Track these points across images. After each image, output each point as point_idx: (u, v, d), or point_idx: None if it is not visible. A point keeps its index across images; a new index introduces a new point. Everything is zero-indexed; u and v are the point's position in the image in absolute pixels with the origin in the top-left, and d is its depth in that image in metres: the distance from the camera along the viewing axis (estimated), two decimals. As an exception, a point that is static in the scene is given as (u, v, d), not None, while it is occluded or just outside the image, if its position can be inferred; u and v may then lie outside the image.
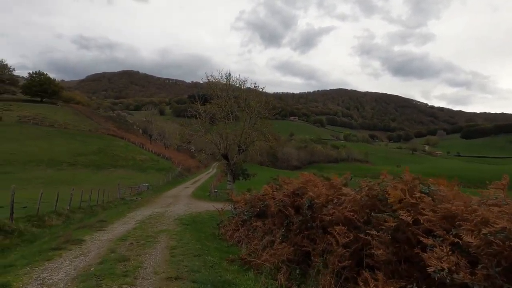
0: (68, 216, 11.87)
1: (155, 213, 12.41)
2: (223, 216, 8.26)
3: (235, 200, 9.05)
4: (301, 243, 4.61)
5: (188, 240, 6.60)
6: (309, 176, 5.13)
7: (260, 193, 7.35)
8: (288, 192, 5.41)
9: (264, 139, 21.66)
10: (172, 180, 43.47)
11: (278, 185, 7.06)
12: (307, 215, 4.46)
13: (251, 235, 6.41)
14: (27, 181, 30.70)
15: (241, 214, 7.09)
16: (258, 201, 7.11)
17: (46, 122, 64.69)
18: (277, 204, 5.74)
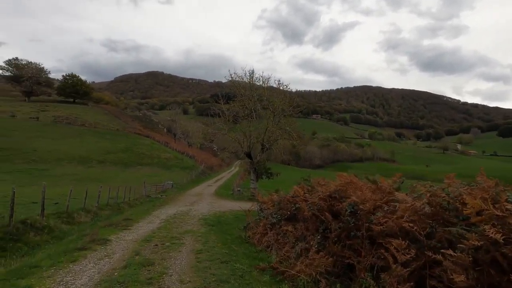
0: (96, 213, 12.05)
1: (180, 212, 12.29)
2: (249, 218, 7.85)
3: (262, 201, 8.62)
4: (342, 253, 4.07)
5: (214, 243, 6.26)
6: (350, 177, 4.56)
7: (290, 195, 6.85)
8: (324, 195, 4.87)
9: (288, 137, 21.06)
10: (196, 178, 43.99)
11: (310, 186, 6.52)
12: (349, 222, 3.92)
13: (281, 240, 5.94)
14: (60, 177, 32.26)
15: (270, 217, 6.64)
16: (287, 203, 6.62)
17: (78, 121, 68.05)
18: (310, 208, 5.22)
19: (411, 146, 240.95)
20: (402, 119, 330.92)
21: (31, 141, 46.09)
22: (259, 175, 23.51)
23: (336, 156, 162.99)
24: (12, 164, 35.51)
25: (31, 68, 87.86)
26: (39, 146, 44.02)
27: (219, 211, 13.51)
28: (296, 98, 21.58)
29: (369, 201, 3.70)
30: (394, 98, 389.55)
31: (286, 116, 21.44)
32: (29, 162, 37.25)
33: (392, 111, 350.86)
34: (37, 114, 67.11)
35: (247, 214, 8.02)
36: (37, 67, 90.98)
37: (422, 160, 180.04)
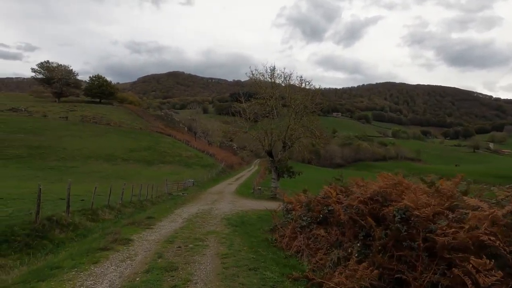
0: (119, 211, 12.10)
1: (202, 211, 12.08)
2: (276, 219, 7.41)
3: (287, 202, 8.15)
4: (390, 265, 3.52)
5: (240, 246, 5.88)
6: (396, 178, 3.99)
7: (320, 196, 6.33)
8: (364, 197, 4.33)
9: (310, 135, 20.35)
10: (216, 177, 44.17)
11: (343, 187, 5.97)
12: (399, 230, 3.36)
13: (312, 245, 5.45)
14: (87, 174, 33.45)
15: (299, 219, 6.16)
16: (318, 205, 6.11)
17: (103, 121, 70.65)
18: (347, 211, 4.69)
19: (438, 145, 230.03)
20: (428, 117, 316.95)
21: (61, 139, 48.29)
22: (280, 174, 22.99)
23: (357, 155, 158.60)
24: (44, 161, 37.31)
25: (60, 70, 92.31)
26: (68, 145, 46.01)
27: (241, 210, 13.18)
28: (319, 94, 20.80)
29: (426, 206, 3.13)
30: (420, 94, 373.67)
31: (308, 113, 20.75)
32: (59, 159, 38.99)
33: (417, 108, 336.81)
34: (66, 114, 70.37)
35: (273, 215, 7.57)
36: (66, 69, 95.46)
37: (450, 160, 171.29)
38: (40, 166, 34.49)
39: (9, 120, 55.37)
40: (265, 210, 14.10)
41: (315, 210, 6.14)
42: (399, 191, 3.79)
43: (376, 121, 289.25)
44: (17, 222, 7.01)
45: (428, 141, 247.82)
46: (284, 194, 8.50)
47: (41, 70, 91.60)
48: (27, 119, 59.62)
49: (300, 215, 6.30)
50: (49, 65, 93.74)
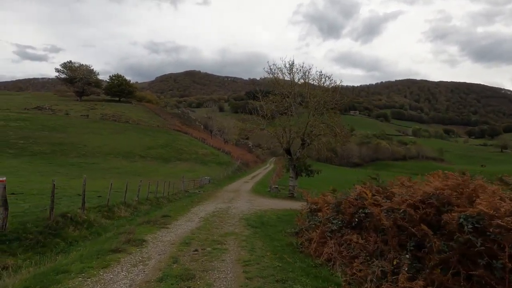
0: (135, 208, 11.85)
1: (219, 209, 11.63)
2: (300, 221, 6.78)
3: (311, 202, 7.49)
4: (454, 285, 2.82)
5: (262, 251, 5.31)
6: (460, 177, 3.26)
7: (352, 196, 5.63)
8: (414, 200, 3.62)
9: (329, 133, 19.46)
10: (232, 174, 43.92)
11: (381, 187, 5.25)
12: (473, 243, 2.66)
13: (345, 252, 4.78)
14: (107, 170, 34.02)
15: (328, 223, 5.50)
16: (350, 206, 5.42)
17: (123, 119, 72.19)
18: (391, 216, 3.99)
19: (462, 144, 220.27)
20: (451, 115, 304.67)
21: (82, 137, 49.62)
22: (298, 173, 22.24)
23: (376, 154, 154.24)
24: (66, 157, 38.36)
25: (82, 70, 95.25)
26: (89, 142, 47.18)
27: (260, 210, 12.63)
28: (339, 89, 19.84)
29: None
30: (442, 92, 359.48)
31: (328, 109, 19.88)
32: (79, 156, 39.98)
33: (440, 106, 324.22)
34: (87, 112, 72.46)
35: (299, 218, 6.94)
36: (88, 68, 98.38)
37: (475, 160, 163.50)
38: (61, 162, 35.45)
39: (35, 118, 57.57)
40: (284, 210, 13.49)
41: (347, 213, 5.46)
42: (466, 194, 3.07)
43: (395, 119, 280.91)
44: (30, 219, 6.78)
45: (451, 140, 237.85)
46: (307, 194, 7.84)
47: (64, 70, 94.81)
48: (50, 117, 61.81)
49: (329, 218, 5.64)
50: (72, 65, 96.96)
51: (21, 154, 36.80)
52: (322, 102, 19.85)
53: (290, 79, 20.36)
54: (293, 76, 20.13)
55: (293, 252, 5.34)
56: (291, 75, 20.03)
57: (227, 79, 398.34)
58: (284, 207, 14.82)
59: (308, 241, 5.56)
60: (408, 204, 3.66)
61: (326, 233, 5.28)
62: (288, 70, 19.70)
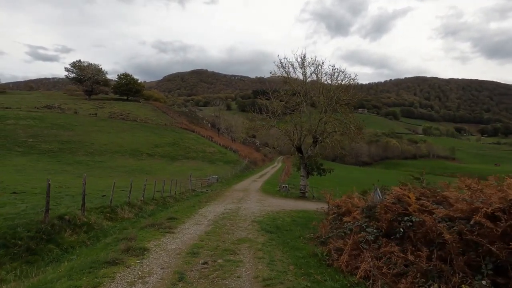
0: (140, 208, 11.19)
1: (228, 210, 10.87)
2: (323, 227, 5.94)
3: (334, 205, 6.64)
4: None
5: (284, 264, 4.50)
6: None
7: (389, 200, 4.76)
8: (492, 207, 2.75)
9: (344, 130, 18.47)
10: (240, 173, 43.23)
11: (428, 189, 4.37)
12: None
13: (386, 268, 3.93)
14: (114, 169, 33.70)
15: (361, 231, 4.65)
16: (387, 212, 4.56)
17: (130, 117, 72.25)
18: (455, 228, 3.13)
19: (474, 142, 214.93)
20: (462, 113, 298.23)
21: (90, 135, 49.61)
22: (309, 172, 21.35)
23: (385, 152, 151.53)
24: (73, 156, 38.25)
25: (91, 69, 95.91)
26: (96, 140, 47.11)
27: (271, 211, 11.82)
28: (354, 84, 18.83)
29: None
30: (453, 89, 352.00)
31: (342, 105, 18.90)
32: (87, 154, 39.84)
33: (451, 104, 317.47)
34: (95, 111, 72.75)
35: (323, 224, 6.10)
36: (96, 67, 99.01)
37: (489, 159, 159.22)
38: (69, 160, 35.30)
39: (44, 116, 57.92)
40: (297, 211, 12.66)
41: (382, 220, 4.60)
42: None
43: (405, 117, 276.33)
44: (23, 222, 6.11)
45: (463, 138, 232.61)
46: (329, 195, 7.00)
47: (73, 69, 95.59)
48: (59, 115, 62.16)
49: (361, 225, 4.78)
50: (81, 64, 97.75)
51: (30, 152, 36.82)
52: (335, 98, 18.89)
53: (302, 74, 19.44)
54: (304, 71, 19.21)
55: (320, 265, 4.51)
56: (303, 69, 19.11)
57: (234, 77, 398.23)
58: (296, 208, 13.99)
59: (336, 252, 4.72)
60: (484, 214, 2.79)
61: (361, 244, 4.43)
62: (300, 64, 18.78)
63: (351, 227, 4.78)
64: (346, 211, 5.85)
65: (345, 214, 5.84)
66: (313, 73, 19.49)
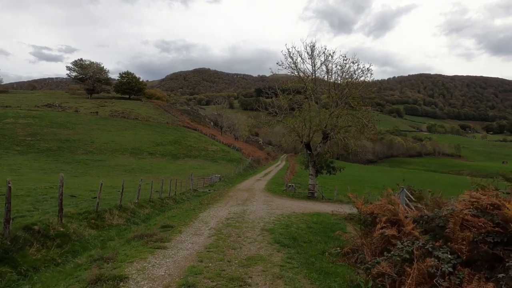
0: (133, 212, 9.87)
1: (233, 215, 9.54)
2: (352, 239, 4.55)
3: (367, 212, 5.25)
4: None
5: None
6: None
7: (463, 210, 3.37)
8: None
9: (357, 124, 17.02)
10: (243, 172, 41.91)
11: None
12: None
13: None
14: (112, 168, 32.52)
15: (426, 255, 3.25)
16: (467, 229, 3.16)
17: (132, 115, 71.17)
18: None
19: (480, 140, 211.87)
20: (467, 110, 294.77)
21: (90, 133, 48.52)
22: (318, 170, 19.93)
23: (390, 150, 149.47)
24: (72, 154, 37.14)
25: (93, 67, 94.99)
26: (96, 138, 46.00)
27: (281, 214, 10.47)
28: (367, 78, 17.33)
29: None
30: (457, 86, 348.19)
31: (355, 98, 17.46)
32: (86, 153, 38.72)
33: (455, 101, 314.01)
34: (96, 109, 71.75)
35: (354, 237, 4.70)
36: (98, 66, 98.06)
37: (495, 156, 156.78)
38: (67, 159, 34.17)
39: (44, 115, 56.95)
40: (310, 214, 11.29)
41: (458, 239, 3.21)
42: None
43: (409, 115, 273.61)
44: (-26, 236, 4.78)
45: (468, 136, 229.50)
46: (359, 199, 5.62)
47: (75, 68, 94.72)
48: (60, 114, 61.19)
49: (425, 247, 3.38)
50: (83, 63, 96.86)
51: (27, 151, 35.76)
52: (347, 91, 17.45)
53: (311, 64, 17.99)
54: (314, 61, 17.75)
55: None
56: (312, 59, 17.65)
57: (236, 76, 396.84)
58: (308, 211, 12.62)
59: (392, 284, 3.32)
60: None
61: (434, 279, 3.02)
62: (309, 54, 17.31)
63: (409, 248, 3.40)
64: (389, 221, 4.44)
65: (378, 222, 4.44)
66: (323, 63, 18.05)
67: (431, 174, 79.37)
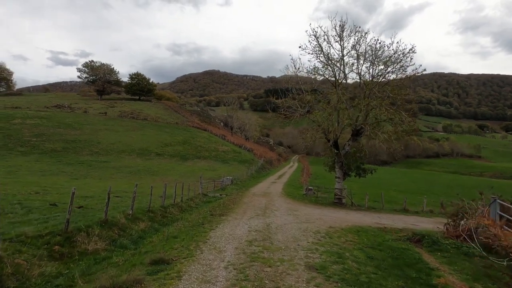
0: (123, 229, 7.44)
1: (255, 234, 7.03)
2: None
3: None
4: None
5: None
6: None
7: None
8: None
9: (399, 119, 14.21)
10: (256, 174, 39.35)
11: None
12: None
13: None
14: (118, 169, 30.55)
15: None
16: None
17: (141, 116, 69.71)
18: None
19: (500, 140, 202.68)
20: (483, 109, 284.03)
21: (97, 134, 47.00)
22: (346, 172, 17.18)
23: (406, 151, 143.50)
24: (76, 155, 35.45)
25: (103, 69, 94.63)
26: (103, 139, 44.37)
27: (318, 232, 7.87)
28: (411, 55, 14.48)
29: None
30: (473, 85, 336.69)
31: (394, 88, 14.69)
32: (92, 154, 36.99)
33: (471, 100, 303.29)
34: (105, 110, 70.69)
35: None
36: (108, 67, 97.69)
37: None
38: (70, 160, 32.42)
39: (52, 115, 55.97)
40: (354, 231, 8.59)
41: None
42: None
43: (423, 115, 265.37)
44: None
45: (487, 136, 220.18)
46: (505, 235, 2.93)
47: (85, 69, 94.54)
48: (68, 114, 60.20)
49: None
50: (93, 64, 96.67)
51: (31, 152, 34.25)
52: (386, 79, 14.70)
53: (340, 47, 15.29)
54: (343, 44, 15.04)
55: None
56: (341, 42, 14.95)
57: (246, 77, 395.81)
58: (345, 223, 9.96)
59: None
60: None
61: None
62: (338, 33, 14.61)
63: None
64: None
65: None
66: (353, 47, 15.33)
67: (454, 176, 74.80)
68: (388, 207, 17.32)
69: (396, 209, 16.85)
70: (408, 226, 10.86)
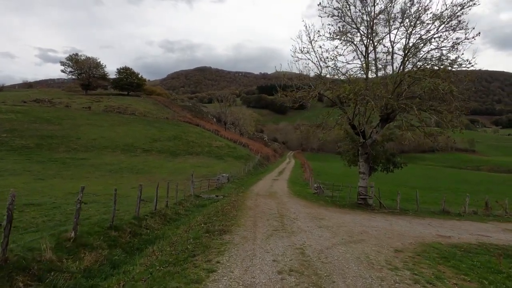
0: (48, 269, 3.90)
1: (291, 281, 3.61)
2: None
3: None
4: None
5: None
6: None
7: None
8: None
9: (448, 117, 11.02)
10: (253, 170, 35.96)
11: None
12: None
13: None
14: (97, 167, 26.69)
15: None
16: None
17: (128, 111, 65.27)
18: None
19: (492, 134, 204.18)
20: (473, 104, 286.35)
21: (78, 129, 42.77)
22: (372, 166, 13.95)
23: (401, 146, 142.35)
24: (50, 152, 31.36)
25: (88, 62, 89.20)
26: (84, 134, 40.20)
27: (388, 261, 4.52)
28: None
29: None
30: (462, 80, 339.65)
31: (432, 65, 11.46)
32: (69, 150, 32.91)
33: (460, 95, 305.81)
34: (90, 104, 65.99)
35: None
36: (94, 61, 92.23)
37: (510, 150, 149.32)
38: (43, 158, 28.35)
39: (29, 110, 51.23)
40: (445, 257, 5.37)
41: None
42: None
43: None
44: None
45: (479, 130, 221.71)
46: None
47: (69, 63, 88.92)
48: (47, 109, 55.50)
49: None
50: (77, 58, 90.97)
51: (-2, 149, 29.99)
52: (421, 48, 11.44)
53: (366, 10, 11.93)
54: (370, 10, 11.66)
55: None
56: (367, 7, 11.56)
57: (238, 74, 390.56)
58: (407, 240, 6.69)
59: None
60: None
61: None
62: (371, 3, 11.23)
63: None
64: None
65: None
66: (383, 11, 12.01)
67: (454, 171, 72.95)
68: (423, 208, 14.17)
69: (433, 210, 13.71)
70: (481, 239, 7.67)
